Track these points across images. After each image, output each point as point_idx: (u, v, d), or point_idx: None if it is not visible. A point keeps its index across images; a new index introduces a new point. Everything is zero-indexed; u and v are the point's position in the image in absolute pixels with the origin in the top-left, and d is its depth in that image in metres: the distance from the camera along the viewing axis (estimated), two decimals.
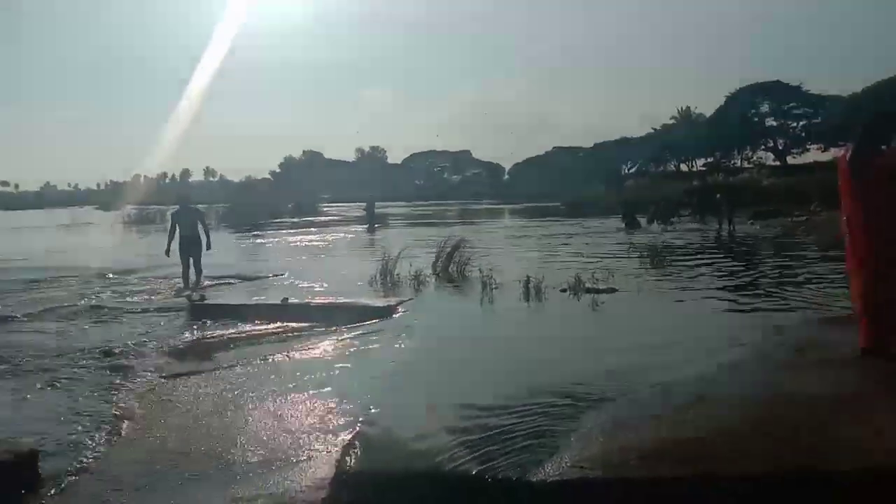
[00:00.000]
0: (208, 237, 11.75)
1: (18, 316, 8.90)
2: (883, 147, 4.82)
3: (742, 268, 12.34)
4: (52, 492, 3.62)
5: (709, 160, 63.55)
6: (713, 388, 4.58)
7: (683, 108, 75.72)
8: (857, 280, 4.92)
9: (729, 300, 8.81)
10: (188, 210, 12.09)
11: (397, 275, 11.04)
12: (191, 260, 11.45)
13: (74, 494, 3.59)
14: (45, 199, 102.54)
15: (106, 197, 72.89)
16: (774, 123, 65.04)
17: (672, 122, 75.79)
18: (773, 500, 3.05)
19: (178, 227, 11.53)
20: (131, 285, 11.99)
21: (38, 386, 5.67)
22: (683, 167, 70.94)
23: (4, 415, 4.94)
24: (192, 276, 11.45)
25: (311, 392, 5.17)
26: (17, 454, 3.78)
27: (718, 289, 9.67)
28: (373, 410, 4.57)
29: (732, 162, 62.34)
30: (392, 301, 9.04)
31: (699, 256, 14.01)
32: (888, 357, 4.62)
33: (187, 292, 10.83)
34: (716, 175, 31.32)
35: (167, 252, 11.52)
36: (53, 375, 5.96)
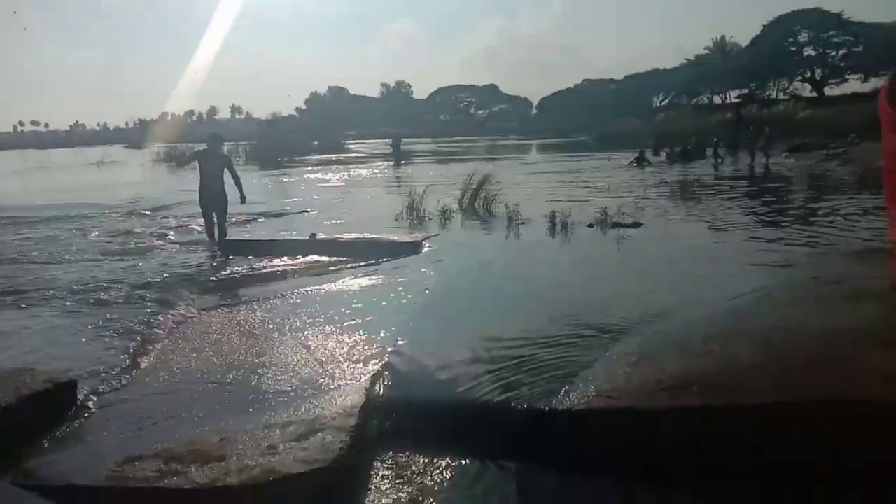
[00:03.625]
0: (241, 188, 9.57)
1: (54, 252, 9.09)
2: None
3: (773, 201, 12.12)
4: (91, 420, 3.76)
5: (743, 91, 61.83)
6: (740, 321, 4.56)
7: (718, 38, 73.27)
8: (894, 214, 4.81)
9: (758, 233, 8.69)
10: (216, 155, 9.63)
11: (424, 210, 11.06)
12: (214, 215, 9.54)
13: (111, 422, 3.72)
14: (75, 137, 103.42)
15: (134, 135, 73.37)
16: (813, 53, 62.78)
17: (706, 52, 73.49)
18: (799, 428, 3.07)
19: (200, 175, 9.49)
20: (162, 221, 12.18)
21: (73, 318, 5.83)
22: (717, 99, 69.12)
23: (42, 345, 5.08)
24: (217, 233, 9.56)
25: (339, 324, 5.25)
26: (57, 384, 3.92)
27: (747, 222, 9.54)
28: (400, 342, 4.63)
29: (768, 93, 60.63)
30: (419, 236, 9.07)
31: (730, 190, 13.77)
32: None
33: (214, 249, 9.17)
34: (750, 107, 30.46)
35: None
36: (87, 308, 6.13)
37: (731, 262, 6.97)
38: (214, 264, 8.15)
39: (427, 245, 8.58)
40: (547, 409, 3.40)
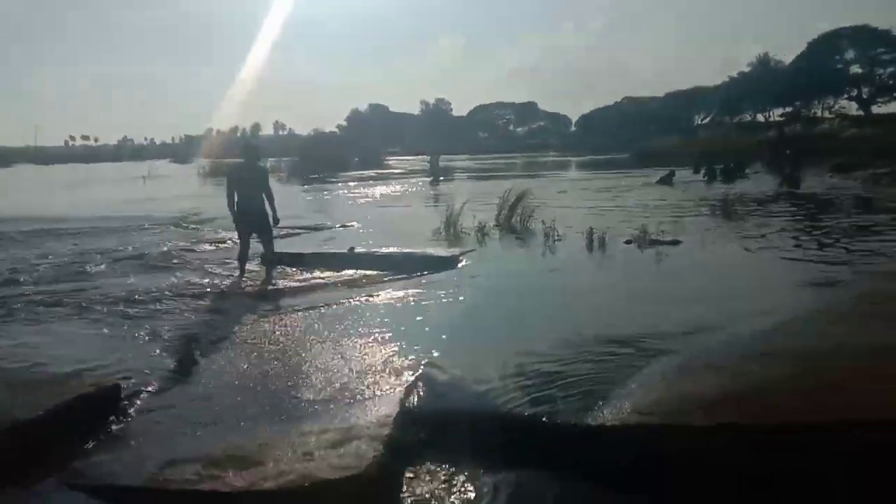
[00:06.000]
0: (273, 209, 8.21)
1: (109, 262, 9.35)
2: None
3: (814, 220, 11.89)
4: (134, 424, 3.88)
5: (787, 110, 60.77)
6: (779, 341, 4.51)
7: (762, 55, 72.14)
8: None
9: (797, 252, 8.54)
10: (252, 169, 8.25)
11: (461, 226, 11.13)
12: (251, 236, 8.22)
13: (152, 427, 3.84)
14: (123, 152, 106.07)
15: (180, 150, 75.18)
16: (860, 71, 61.36)
17: (749, 69, 72.39)
18: (834, 451, 3.03)
19: (237, 193, 7.94)
20: (208, 233, 12.46)
21: (123, 324, 6.03)
22: (760, 117, 68.02)
23: (95, 351, 5.25)
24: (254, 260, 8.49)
25: (376, 335, 5.33)
26: (102, 387, 4.07)
27: (787, 241, 9.37)
28: (436, 354, 4.69)
29: (813, 112, 59.48)
30: (456, 251, 9.14)
31: (771, 209, 13.54)
32: None
33: (248, 283, 7.90)
34: (794, 126, 29.92)
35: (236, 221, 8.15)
36: (139, 317, 6.32)
37: (771, 281, 6.88)
38: (257, 276, 8.29)
39: (464, 260, 8.64)
40: (577, 423, 3.40)
